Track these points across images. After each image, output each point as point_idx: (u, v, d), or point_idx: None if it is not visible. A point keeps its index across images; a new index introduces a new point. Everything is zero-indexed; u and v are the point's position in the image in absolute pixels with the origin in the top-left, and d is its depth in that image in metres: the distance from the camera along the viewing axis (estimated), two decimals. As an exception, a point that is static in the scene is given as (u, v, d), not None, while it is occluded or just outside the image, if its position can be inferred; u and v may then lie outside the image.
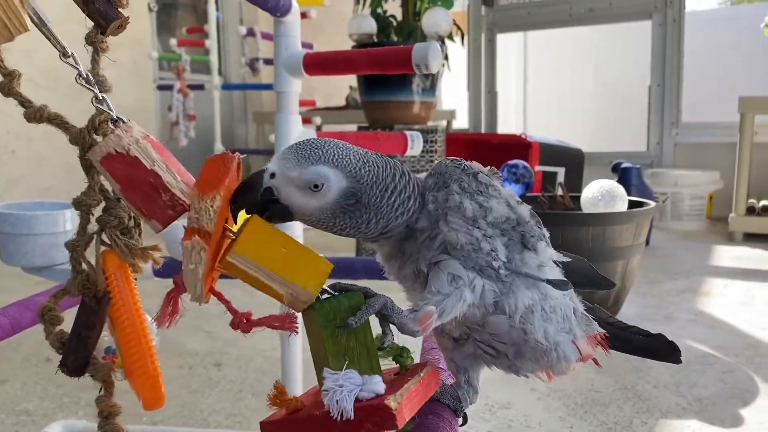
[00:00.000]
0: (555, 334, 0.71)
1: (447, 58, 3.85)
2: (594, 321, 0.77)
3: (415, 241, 0.70)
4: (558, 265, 0.74)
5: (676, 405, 1.80)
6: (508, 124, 6.88)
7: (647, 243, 3.74)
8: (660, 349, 0.80)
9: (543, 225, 0.74)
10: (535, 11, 5.80)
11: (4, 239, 1.26)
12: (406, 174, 0.69)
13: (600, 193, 2.60)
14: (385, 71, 1.26)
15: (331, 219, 0.67)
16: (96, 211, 0.64)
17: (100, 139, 0.59)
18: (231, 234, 0.63)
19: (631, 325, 0.81)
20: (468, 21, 5.91)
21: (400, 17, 3.83)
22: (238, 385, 1.95)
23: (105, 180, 0.62)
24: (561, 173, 4.52)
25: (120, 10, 0.60)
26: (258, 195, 0.64)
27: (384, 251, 0.73)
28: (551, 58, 7.22)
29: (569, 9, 5.59)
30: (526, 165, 3.06)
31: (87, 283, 0.63)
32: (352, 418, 0.57)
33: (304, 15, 4.22)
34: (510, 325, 0.69)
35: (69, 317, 0.67)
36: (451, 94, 6.95)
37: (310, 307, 0.63)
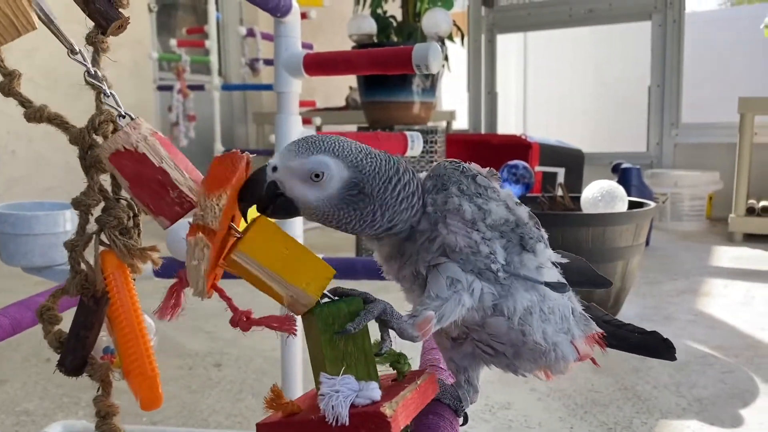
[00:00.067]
0: (553, 334, 0.72)
1: (447, 58, 3.85)
2: (592, 320, 0.78)
3: (415, 243, 0.70)
4: (556, 266, 0.74)
5: (676, 405, 1.80)
6: (508, 124, 6.89)
7: (647, 243, 3.74)
8: (655, 347, 0.80)
9: (542, 226, 0.74)
10: (535, 12, 5.80)
11: (4, 239, 1.26)
12: (409, 171, 0.69)
13: (600, 194, 2.60)
14: (386, 72, 1.26)
15: (336, 211, 0.66)
16: (95, 212, 0.64)
17: (100, 140, 0.59)
18: (236, 233, 0.63)
19: (627, 323, 0.81)
20: (468, 22, 5.91)
21: (400, 18, 3.83)
22: (238, 386, 1.95)
23: (110, 178, 0.62)
24: (561, 174, 4.52)
25: (120, 10, 0.60)
26: (263, 189, 0.64)
27: (383, 252, 0.73)
28: (551, 58, 7.22)
29: (569, 10, 5.59)
30: (526, 165, 3.06)
31: (86, 283, 0.63)
32: (347, 424, 0.57)
33: (304, 15, 4.22)
34: (509, 327, 0.69)
35: (68, 317, 0.67)
36: (451, 94, 6.95)
37: (309, 312, 0.63)
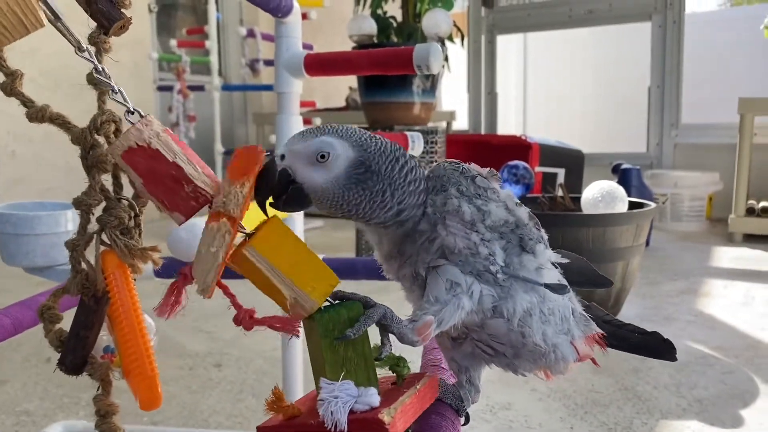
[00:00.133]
0: (553, 335, 0.71)
1: (447, 59, 3.85)
2: (592, 321, 0.77)
3: (414, 243, 0.70)
4: (556, 267, 0.74)
5: (676, 406, 1.80)
6: (508, 125, 6.89)
7: (647, 244, 3.74)
8: (656, 347, 0.80)
9: (542, 226, 0.74)
10: (535, 12, 5.80)
11: (5, 239, 1.26)
12: (414, 159, 0.70)
13: (600, 194, 2.60)
14: (386, 72, 1.26)
15: (345, 192, 0.66)
16: (97, 212, 0.64)
17: (102, 140, 0.59)
18: (243, 231, 0.63)
19: (627, 323, 0.81)
20: (468, 22, 5.92)
21: (400, 18, 3.83)
22: (238, 386, 1.95)
23: (111, 179, 0.62)
24: (561, 174, 4.52)
25: (122, 10, 0.60)
26: (275, 178, 0.65)
27: (384, 250, 0.73)
28: (551, 59, 7.22)
29: (569, 10, 5.59)
30: (526, 166, 3.06)
31: (86, 283, 0.63)
32: (345, 430, 0.57)
33: (304, 16, 4.20)
34: (508, 329, 0.69)
35: (69, 317, 0.67)
36: (451, 95, 6.95)
37: (310, 317, 0.63)
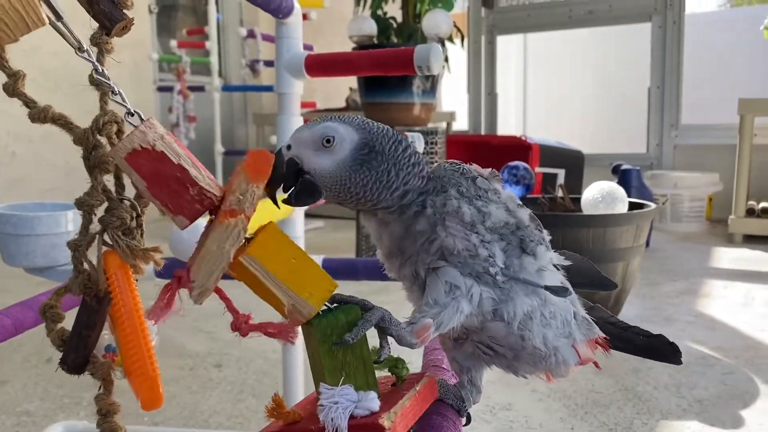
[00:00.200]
0: (554, 339, 0.71)
1: (447, 59, 3.85)
2: (594, 324, 0.77)
3: (415, 243, 0.69)
4: (558, 269, 0.73)
5: (676, 406, 1.80)
6: (508, 125, 6.89)
7: (647, 245, 3.74)
8: (661, 350, 0.80)
9: (543, 227, 0.74)
10: (535, 13, 5.81)
11: (5, 240, 1.25)
12: (415, 147, 0.72)
13: (600, 195, 2.61)
14: (387, 73, 1.26)
15: (351, 174, 0.67)
16: (99, 212, 0.64)
17: (104, 140, 0.59)
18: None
19: (633, 326, 0.81)
20: (468, 23, 5.92)
21: (400, 19, 3.83)
22: (238, 387, 1.95)
23: (113, 179, 0.62)
24: (561, 175, 4.53)
25: (124, 11, 0.60)
26: (283, 167, 0.66)
27: (384, 247, 0.73)
28: (551, 59, 7.23)
29: (569, 11, 5.59)
30: (526, 166, 3.06)
31: (88, 283, 0.63)
32: None
33: (304, 17, 4.21)
34: (508, 332, 0.69)
35: (70, 317, 0.67)
36: (451, 95, 6.96)
37: (308, 322, 0.63)
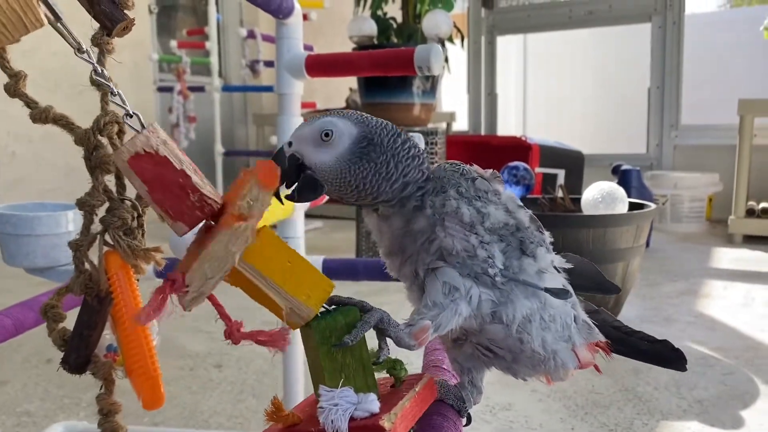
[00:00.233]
0: (553, 342, 0.71)
1: (447, 60, 3.85)
2: (595, 328, 0.76)
3: (415, 242, 0.70)
4: (559, 271, 0.73)
5: (676, 407, 1.80)
6: (507, 126, 6.89)
7: (647, 245, 3.74)
8: (665, 356, 0.78)
9: (544, 229, 0.74)
10: (535, 14, 5.81)
11: (5, 240, 1.25)
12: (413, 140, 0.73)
13: (600, 195, 2.61)
14: (388, 73, 1.26)
15: (351, 166, 0.67)
16: (100, 212, 0.64)
17: (105, 141, 0.59)
18: None
19: (637, 331, 0.80)
20: (468, 23, 5.92)
21: (400, 19, 3.83)
22: (239, 387, 1.95)
23: (115, 179, 0.62)
24: (561, 175, 4.53)
25: (125, 11, 0.60)
26: (285, 164, 0.67)
27: (385, 244, 0.73)
28: (551, 60, 7.23)
29: (569, 11, 5.60)
30: (526, 167, 3.07)
31: (89, 283, 0.63)
32: None
33: (304, 17, 4.21)
34: (506, 334, 0.69)
35: (71, 316, 0.67)
36: (451, 96, 6.96)
37: (307, 324, 0.63)
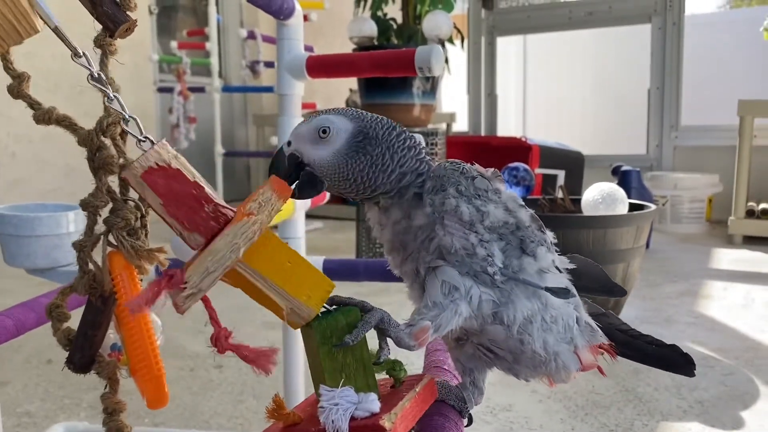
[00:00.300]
0: (555, 344, 0.71)
1: (447, 61, 3.85)
2: (599, 330, 0.76)
3: (415, 239, 0.70)
4: (561, 271, 0.73)
5: (677, 407, 1.81)
6: (507, 126, 6.89)
7: (647, 246, 3.74)
8: (674, 360, 0.77)
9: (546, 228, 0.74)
10: (535, 14, 5.81)
11: (6, 241, 1.25)
12: (411, 134, 0.74)
13: (600, 196, 2.61)
14: (388, 74, 1.26)
15: (349, 161, 0.69)
16: (103, 213, 0.64)
17: (108, 142, 0.60)
18: None
19: (645, 334, 0.79)
20: (468, 24, 5.93)
21: (400, 20, 3.83)
22: (239, 387, 1.95)
23: (117, 180, 0.62)
24: (561, 176, 4.53)
25: (128, 12, 0.60)
26: (285, 162, 0.69)
27: (386, 239, 0.73)
28: (551, 61, 7.23)
29: (569, 12, 5.60)
30: (526, 168, 3.07)
31: (93, 283, 0.63)
32: None
33: (304, 18, 4.22)
34: (507, 335, 0.69)
35: (76, 316, 0.68)
36: (451, 97, 6.96)
37: (307, 324, 0.63)
